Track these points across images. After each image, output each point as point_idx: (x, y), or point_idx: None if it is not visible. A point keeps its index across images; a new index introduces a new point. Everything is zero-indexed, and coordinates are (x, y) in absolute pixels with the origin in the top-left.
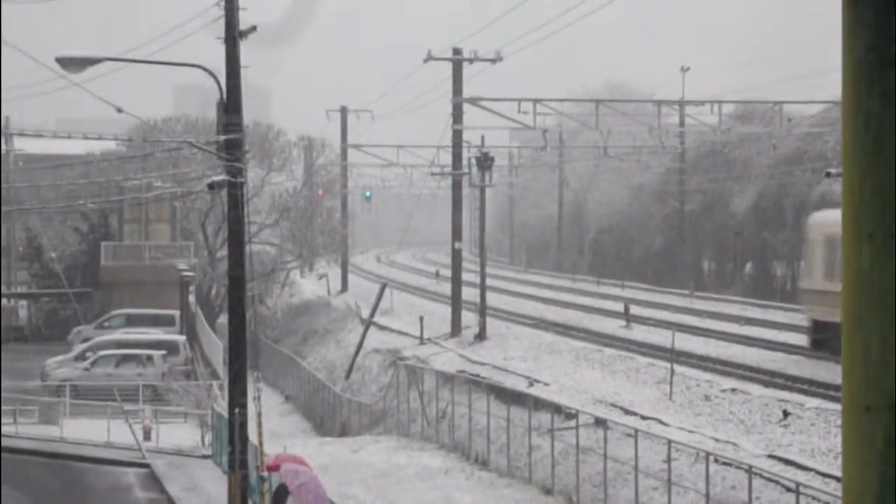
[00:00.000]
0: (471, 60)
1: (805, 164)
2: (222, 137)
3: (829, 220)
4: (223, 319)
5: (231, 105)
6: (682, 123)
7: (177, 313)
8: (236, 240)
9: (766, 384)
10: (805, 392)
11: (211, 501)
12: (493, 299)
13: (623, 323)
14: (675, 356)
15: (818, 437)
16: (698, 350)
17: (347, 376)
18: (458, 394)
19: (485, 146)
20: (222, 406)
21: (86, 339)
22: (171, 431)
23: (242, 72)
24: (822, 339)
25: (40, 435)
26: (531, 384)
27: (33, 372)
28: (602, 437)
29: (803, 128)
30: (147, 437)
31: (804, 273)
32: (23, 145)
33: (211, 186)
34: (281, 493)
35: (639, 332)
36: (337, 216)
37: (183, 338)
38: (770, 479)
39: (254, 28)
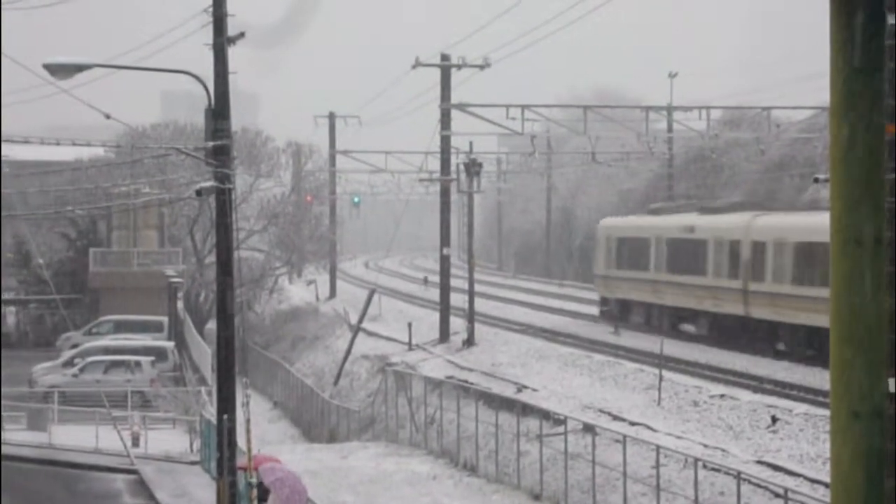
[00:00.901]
0: (459, 66)
1: (793, 169)
2: (210, 144)
3: (608, 224)
4: (211, 325)
5: (219, 111)
6: (670, 129)
7: (165, 319)
8: (224, 246)
9: (756, 390)
10: (794, 398)
11: None
12: (481, 305)
13: (611, 329)
14: (664, 362)
15: (807, 443)
16: (685, 355)
17: (336, 382)
18: (446, 400)
19: (473, 152)
20: (211, 412)
21: (74, 346)
22: (160, 437)
23: (230, 78)
24: (605, 310)
25: (29, 441)
26: (519, 390)
27: (21, 378)
28: (590, 443)
29: (791, 133)
30: (136, 443)
31: (594, 263)
32: (10, 152)
33: (199, 193)
34: (261, 492)
35: (627, 339)
36: (325, 222)
37: (171, 344)
38: (759, 485)
39: (242, 34)
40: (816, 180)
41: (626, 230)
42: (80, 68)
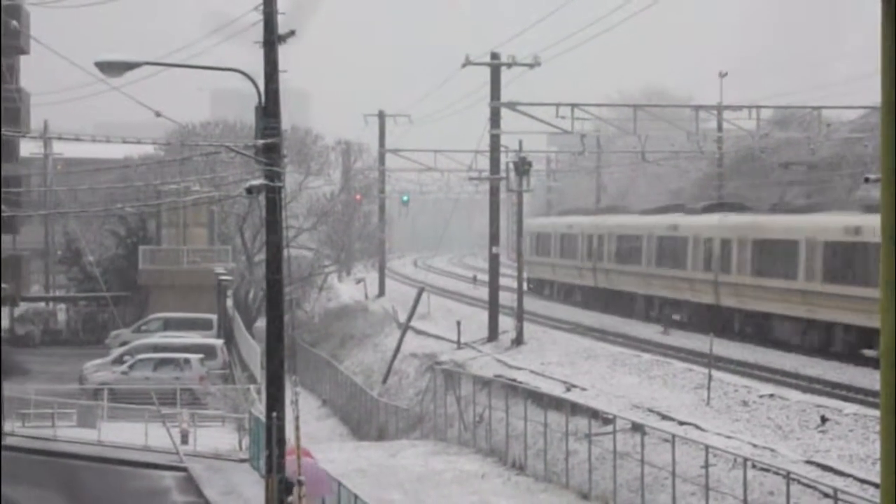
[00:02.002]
0: (509, 65)
1: (844, 169)
2: (260, 141)
3: (535, 223)
4: (260, 323)
5: (269, 109)
6: (720, 128)
7: (214, 317)
8: (274, 244)
9: (805, 390)
10: (844, 398)
11: None
12: (530, 304)
13: (661, 328)
14: (714, 362)
15: (856, 443)
16: (735, 355)
17: (384, 381)
18: (495, 398)
19: (522, 151)
20: (260, 410)
21: (124, 343)
22: (209, 435)
23: (281, 76)
24: (533, 287)
25: (78, 438)
26: (568, 389)
27: (71, 375)
28: (639, 443)
29: (842, 133)
30: (184, 440)
31: (527, 252)
32: (61, 149)
33: (249, 191)
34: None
35: (677, 338)
36: (374, 221)
37: (220, 341)
38: (808, 485)
39: (292, 32)
40: (867, 180)
41: (540, 227)
42: (130, 66)
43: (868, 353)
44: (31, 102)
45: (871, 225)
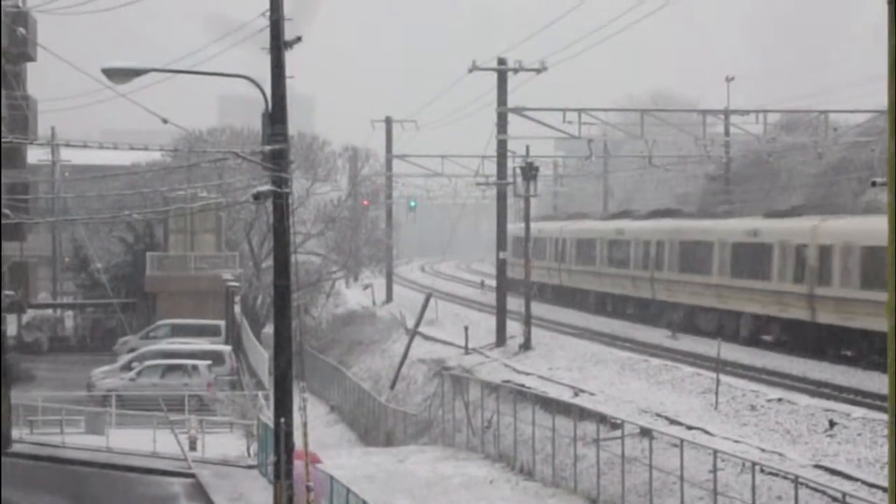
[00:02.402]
0: (515, 70)
1: (851, 173)
2: (267, 148)
3: (516, 229)
4: (268, 329)
5: (276, 115)
6: (727, 133)
7: (222, 323)
8: (281, 250)
9: (813, 394)
10: (852, 402)
11: None
12: (537, 309)
13: (668, 333)
14: (721, 366)
15: (864, 447)
16: (743, 359)
17: (392, 386)
18: (503, 404)
19: (529, 156)
20: (268, 416)
21: (131, 350)
22: (217, 441)
23: (287, 82)
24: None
25: (86, 445)
26: (576, 394)
27: (79, 382)
28: (647, 447)
29: (849, 137)
30: (193, 447)
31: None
32: (69, 156)
33: (256, 197)
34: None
35: (685, 343)
36: (382, 226)
37: (228, 348)
38: (816, 490)
39: (299, 38)
40: (874, 184)
41: (518, 232)
42: (137, 73)
43: (766, 338)
44: (39, 109)
45: (766, 228)
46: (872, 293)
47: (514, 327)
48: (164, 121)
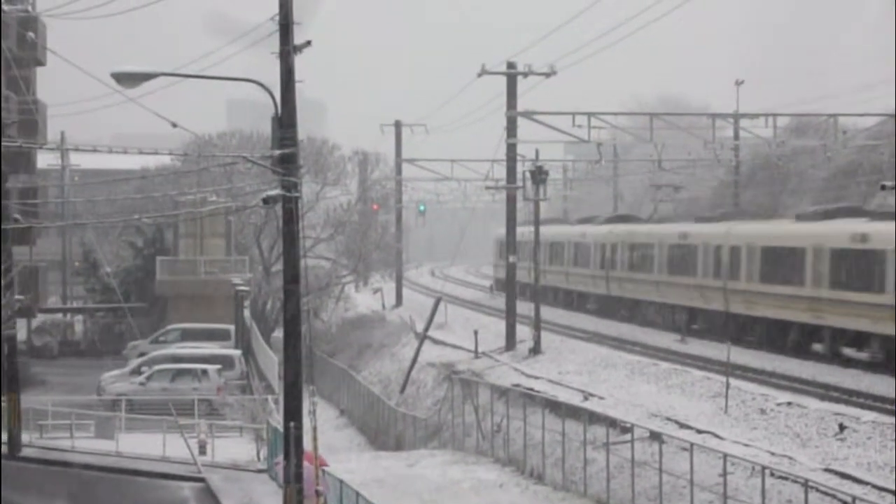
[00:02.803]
0: (525, 74)
1: (860, 176)
2: (277, 152)
3: (499, 231)
4: (278, 334)
5: (286, 119)
6: (736, 136)
7: (232, 328)
8: (291, 254)
9: (823, 398)
10: (862, 406)
11: None
12: (547, 313)
13: (678, 337)
14: (731, 370)
15: (874, 451)
16: (752, 363)
17: (402, 390)
18: (512, 408)
19: (539, 160)
20: (277, 420)
21: (141, 354)
22: (227, 445)
23: (297, 86)
24: (493, 286)
25: (96, 449)
26: (586, 398)
27: (89, 386)
28: (657, 451)
29: (858, 140)
30: (202, 451)
31: (493, 257)
32: (79, 160)
33: (266, 201)
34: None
35: (694, 347)
36: (391, 230)
37: (238, 352)
38: (826, 493)
39: (308, 43)
40: (883, 187)
41: (501, 236)
42: (146, 77)
43: (695, 327)
44: (48, 114)
45: (696, 231)
46: (770, 287)
47: (523, 331)
48: (174, 125)
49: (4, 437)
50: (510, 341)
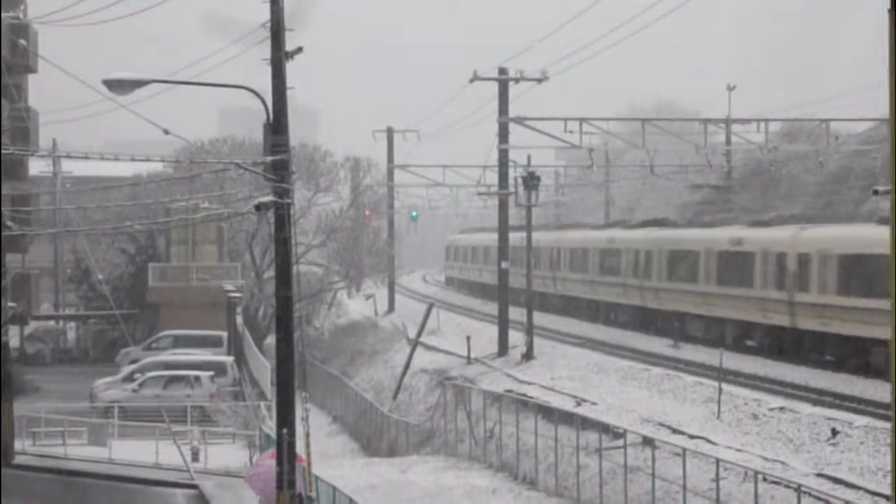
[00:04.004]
0: (517, 80)
1: (852, 181)
2: (269, 158)
3: (456, 237)
4: (270, 340)
5: (277, 126)
6: (728, 142)
7: (224, 334)
8: (283, 260)
9: (815, 403)
10: (854, 410)
11: None
12: (539, 318)
13: (670, 342)
14: (723, 375)
15: (867, 456)
16: (745, 368)
17: (395, 396)
18: (505, 413)
19: (531, 165)
20: (270, 426)
21: (134, 361)
22: (220, 452)
23: (289, 93)
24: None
25: (89, 456)
26: (578, 403)
27: (82, 393)
28: (650, 457)
29: (851, 145)
30: (195, 457)
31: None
32: (71, 167)
33: (258, 207)
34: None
35: (686, 352)
36: (383, 236)
37: (230, 359)
38: (819, 498)
39: (300, 49)
40: (876, 192)
41: (455, 241)
42: (138, 84)
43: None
44: (40, 121)
45: (623, 237)
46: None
47: (516, 337)
48: (166, 131)
49: None
50: (503, 347)
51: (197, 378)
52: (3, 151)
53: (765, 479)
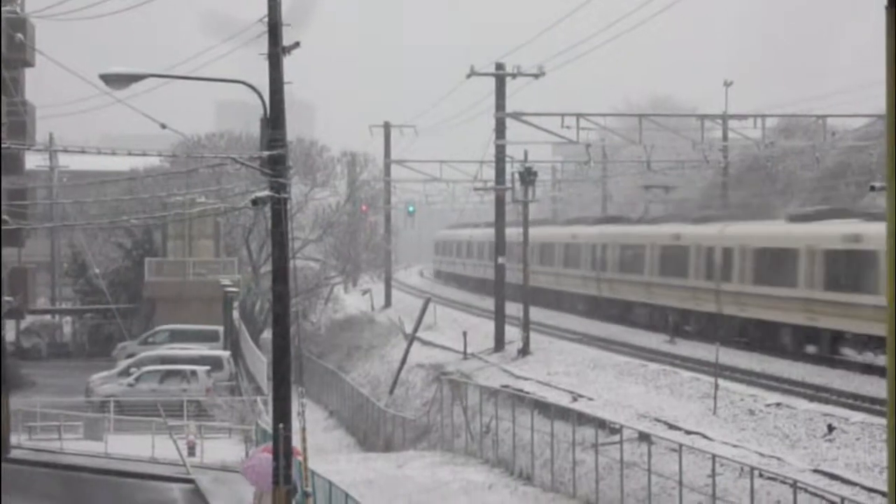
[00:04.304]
0: (514, 75)
1: (849, 177)
2: (266, 153)
3: (441, 233)
4: (267, 335)
5: (274, 121)
6: (725, 137)
7: (221, 329)
8: (280, 255)
9: (812, 399)
10: (851, 407)
11: None
12: (536, 314)
13: (667, 338)
14: (720, 371)
15: (863, 452)
16: (741, 364)
17: (391, 391)
18: (501, 409)
19: (528, 161)
20: (266, 421)
21: (130, 355)
22: (216, 447)
23: (286, 87)
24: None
25: (85, 450)
26: (575, 399)
27: (78, 388)
28: (646, 452)
29: (847, 141)
30: (191, 452)
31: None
32: (67, 162)
33: (255, 202)
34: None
35: (683, 348)
36: (380, 231)
37: (227, 353)
38: (815, 494)
39: (297, 44)
40: (873, 188)
41: (441, 236)
42: (135, 78)
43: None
44: (37, 115)
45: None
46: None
47: (512, 332)
48: (163, 126)
49: None
50: (499, 342)
51: (193, 372)
52: (0, 146)
53: (761, 475)
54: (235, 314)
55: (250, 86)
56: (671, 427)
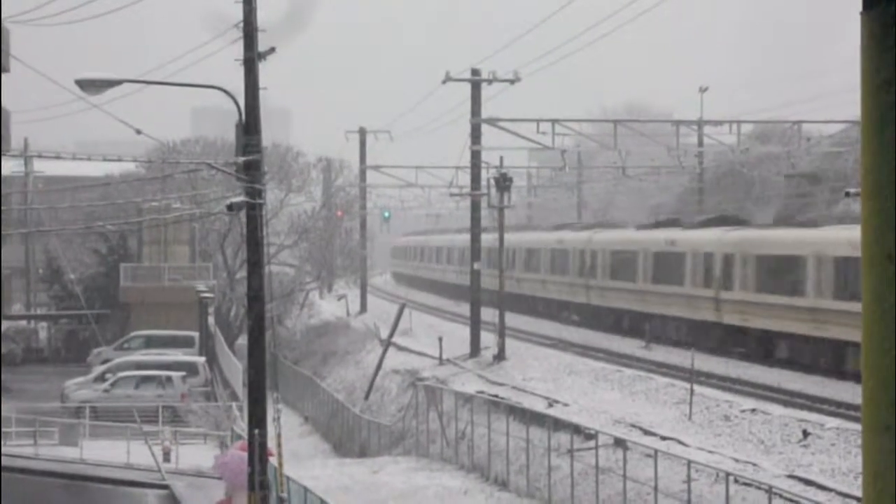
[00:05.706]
0: (489, 81)
1: (824, 183)
2: (241, 159)
3: (399, 241)
4: (242, 340)
5: (250, 126)
6: (700, 143)
7: (196, 335)
8: (255, 261)
9: (787, 404)
10: (826, 412)
11: None
12: (511, 320)
13: (642, 343)
14: (695, 377)
15: (838, 457)
16: (717, 370)
17: (367, 397)
18: (477, 414)
19: (503, 167)
20: (242, 427)
21: (105, 361)
22: (191, 452)
23: (262, 93)
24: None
25: (60, 456)
26: (550, 405)
27: (53, 393)
28: (622, 458)
29: (822, 147)
30: (167, 458)
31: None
32: (42, 167)
33: (230, 208)
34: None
35: (658, 353)
36: (356, 237)
37: (202, 359)
38: (790, 500)
39: (272, 49)
40: (847, 194)
41: (400, 243)
42: (110, 84)
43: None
44: (12, 120)
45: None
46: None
47: (487, 338)
48: (138, 132)
49: None
50: (475, 348)
51: (168, 378)
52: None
53: (736, 481)
54: (211, 320)
55: (226, 91)
56: (646, 433)
